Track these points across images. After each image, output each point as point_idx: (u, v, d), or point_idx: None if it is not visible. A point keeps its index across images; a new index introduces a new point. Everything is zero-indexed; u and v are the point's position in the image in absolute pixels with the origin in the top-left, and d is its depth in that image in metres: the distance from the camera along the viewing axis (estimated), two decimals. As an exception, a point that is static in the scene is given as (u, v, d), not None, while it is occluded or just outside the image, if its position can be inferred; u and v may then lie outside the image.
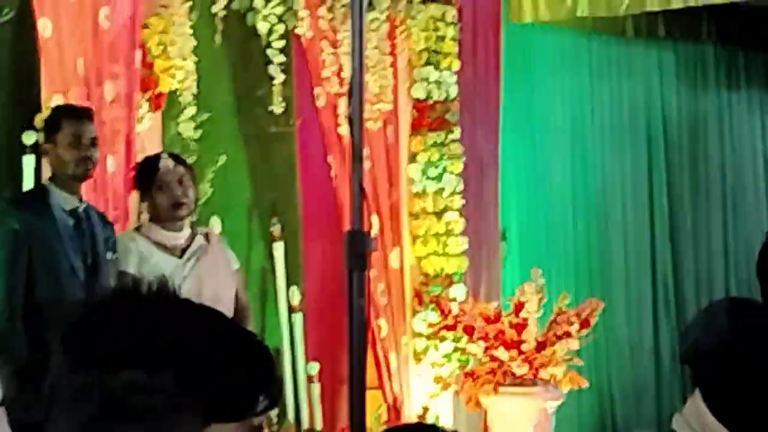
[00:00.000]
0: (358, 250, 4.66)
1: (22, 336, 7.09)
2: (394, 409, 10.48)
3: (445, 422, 9.73)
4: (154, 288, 2.24)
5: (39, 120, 7.64)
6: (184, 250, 7.84)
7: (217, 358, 2.26)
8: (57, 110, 7.87)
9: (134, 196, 8.24)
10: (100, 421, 2.22)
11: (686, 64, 13.40)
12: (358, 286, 4.61)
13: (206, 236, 8.11)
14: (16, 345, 7.06)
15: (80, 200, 7.46)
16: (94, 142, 7.52)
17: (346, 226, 4.89)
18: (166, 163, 7.97)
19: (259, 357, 2.30)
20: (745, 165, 13.85)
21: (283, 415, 9.82)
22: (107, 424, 2.22)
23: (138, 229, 8.00)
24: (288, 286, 10.34)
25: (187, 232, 7.93)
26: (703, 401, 3.85)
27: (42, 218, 7.30)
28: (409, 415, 10.29)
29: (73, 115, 7.59)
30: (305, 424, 10.11)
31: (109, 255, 7.50)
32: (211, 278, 7.53)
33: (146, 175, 7.96)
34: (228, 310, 5.98)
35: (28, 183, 8.17)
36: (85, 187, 8.20)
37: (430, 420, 9.71)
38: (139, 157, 8.48)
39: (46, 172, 7.69)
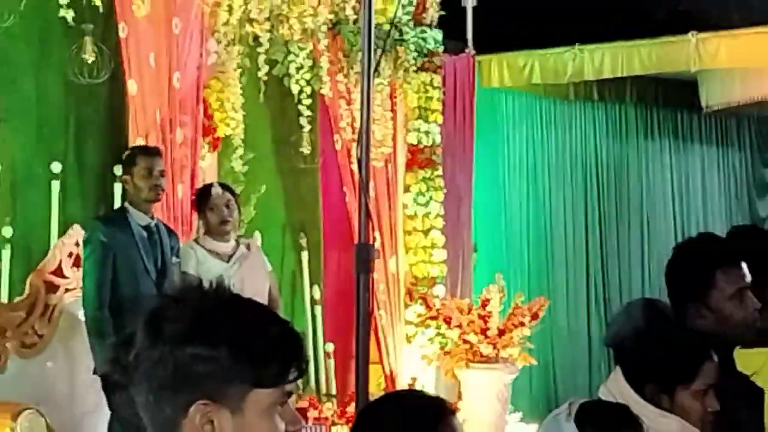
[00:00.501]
0: (364, 258, 4.64)
1: (109, 320, 7.08)
2: (391, 379, 10.46)
3: (428, 389, 9.69)
4: (214, 285, 2.28)
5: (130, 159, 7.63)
6: (230, 257, 7.84)
7: (260, 337, 2.29)
8: (134, 149, 7.87)
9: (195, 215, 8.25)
10: (171, 382, 2.25)
11: (613, 120, 13.41)
12: (364, 286, 4.60)
13: (247, 246, 8.11)
14: (105, 327, 7.07)
15: (152, 217, 7.45)
16: (162, 174, 7.52)
17: (356, 240, 4.88)
18: (216, 190, 7.98)
19: (291, 338, 2.34)
20: (657, 196, 13.84)
21: (306, 383, 9.81)
22: (176, 385, 2.24)
23: (196, 240, 8.00)
24: (311, 285, 10.39)
25: (232, 242, 7.93)
26: (623, 375, 3.87)
27: (123, 232, 7.29)
28: (402, 384, 10.27)
29: (146, 152, 7.59)
30: (323, 390, 10.13)
31: (173, 259, 7.49)
32: (250, 278, 7.51)
33: (201, 199, 7.97)
34: (263, 302, 5.94)
35: (117, 205, 8.18)
36: (160, 208, 8.23)
37: (417, 387, 9.67)
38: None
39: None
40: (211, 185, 8.13)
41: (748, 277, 4.38)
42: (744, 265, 4.40)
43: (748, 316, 4.36)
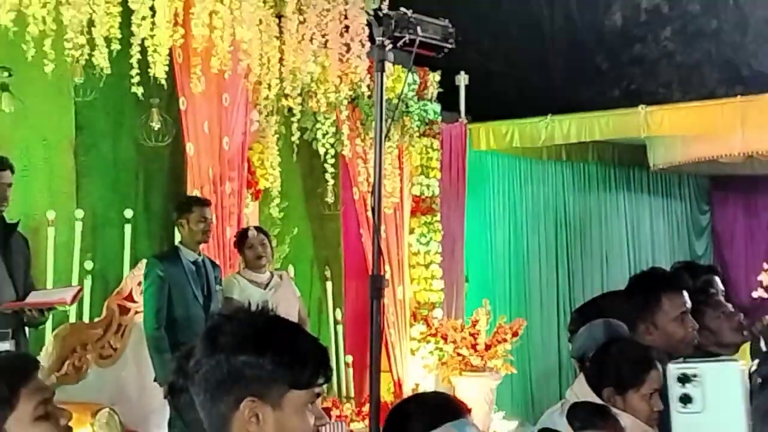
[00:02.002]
0: (377, 286, 4.63)
1: (165, 338, 7.08)
2: (398, 385, 10.44)
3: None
4: (259, 307, 2.33)
5: (184, 206, 7.63)
6: (266, 285, 7.83)
7: (296, 349, 2.33)
8: (190, 199, 7.86)
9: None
10: (225, 384, 2.27)
11: (578, 176, 13.40)
12: (377, 309, 4.57)
13: (280, 276, 8.11)
14: (161, 344, 7.07)
15: (199, 254, 7.44)
16: (211, 221, 7.55)
17: (370, 272, 4.87)
18: (252, 232, 7.97)
19: (320, 350, 2.39)
20: (614, 238, 13.84)
21: (330, 388, 9.78)
22: (229, 386, 2.27)
23: (239, 272, 8.00)
24: (334, 308, 10.39)
25: (267, 274, 7.91)
26: (585, 381, 3.88)
27: (176, 266, 7.29)
28: (407, 389, 10.26)
29: (200, 203, 7.59)
30: (344, 393, 10.12)
31: (217, 287, 7.49)
32: (283, 302, 7.46)
33: (241, 240, 7.97)
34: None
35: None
36: (213, 246, 8.26)
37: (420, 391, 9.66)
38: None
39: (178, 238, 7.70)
40: (248, 229, 8.15)
41: (689, 303, 4.40)
42: (685, 293, 4.42)
43: (687, 335, 4.37)
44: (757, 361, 3.36)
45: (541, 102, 13.89)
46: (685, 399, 1.43)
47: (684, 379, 1.43)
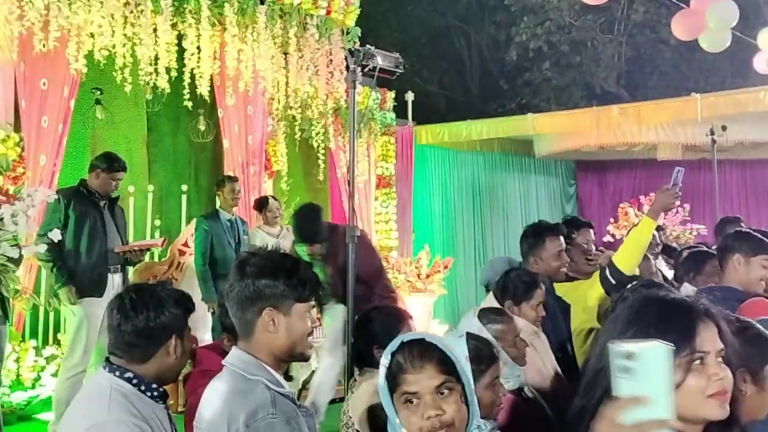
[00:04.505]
0: (352, 233, 4.61)
1: (209, 271, 7.00)
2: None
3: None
4: (273, 247, 2.30)
5: (220, 182, 7.58)
6: (278, 235, 7.77)
7: (299, 273, 2.29)
8: (224, 177, 7.74)
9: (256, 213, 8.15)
10: (251, 299, 2.24)
11: (488, 162, 13.35)
12: (352, 248, 4.55)
13: (288, 229, 8.05)
14: (207, 276, 7.00)
15: (232, 215, 7.38)
16: (238, 192, 7.48)
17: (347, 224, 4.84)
18: (271, 200, 7.93)
19: (314, 275, 2.35)
20: (512, 204, 13.76)
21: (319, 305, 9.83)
22: (253, 300, 2.24)
23: (259, 227, 7.93)
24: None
25: (278, 227, 7.82)
26: (493, 297, 3.86)
27: (216, 222, 7.23)
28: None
29: (231, 179, 7.52)
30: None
31: (244, 237, 7.43)
32: (289, 246, 7.48)
33: (262, 205, 7.90)
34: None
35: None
36: (243, 209, 8.19)
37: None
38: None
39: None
40: (267, 197, 8.09)
41: (563, 245, 4.42)
42: (561, 237, 4.43)
43: (562, 266, 4.38)
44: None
45: (463, 111, 13.87)
46: (625, 370, 1.42)
47: (626, 354, 1.42)
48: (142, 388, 2.44)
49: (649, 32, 16.49)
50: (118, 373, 2.45)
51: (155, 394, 2.47)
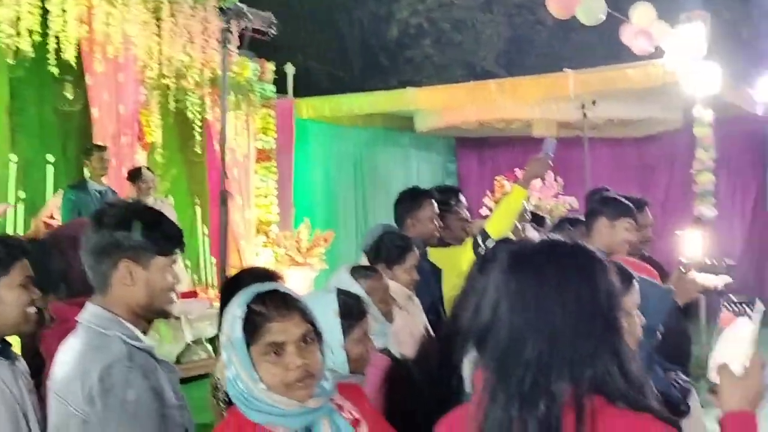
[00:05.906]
0: (223, 198, 4.54)
1: None
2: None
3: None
4: (136, 201, 2.22)
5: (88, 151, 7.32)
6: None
7: (161, 227, 2.22)
8: (92, 146, 7.46)
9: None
10: (107, 250, 2.18)
11: (371, 136, 13.34)
12: (224, 211, 4.50)
13: (162, 201, 7.86)
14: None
15: (102, 185, 7.19)
16: (108, 161, 7.27)
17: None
18: (143, 169, 7.72)
19: (178, 230, 2.28)
20: (394, 177, 13.66)
21: (200, 279, 9.63)
22: (109, 251, 2.18)
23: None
24: (202, 225, 10.15)
25: (151, 199, 7.56)
26: (367, 260, 3.88)
27: (84, 192, 7.06)
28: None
29: (99, 148, 7.34)
30: (209, 283, 9.90)
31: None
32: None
33: (136, 175, 7.63)
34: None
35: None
36: (114, 180, 7.90)
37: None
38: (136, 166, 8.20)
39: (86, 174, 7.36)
40: (140, 167, 7.86)
41: (437, 209, 4.48)
42: (434, 202, 4.50)
43: (435, 229, 4.45)
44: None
45: (344, 86, 13.85)
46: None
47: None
48: None
49: (527, 13, 16.90)
50: None
51: None
